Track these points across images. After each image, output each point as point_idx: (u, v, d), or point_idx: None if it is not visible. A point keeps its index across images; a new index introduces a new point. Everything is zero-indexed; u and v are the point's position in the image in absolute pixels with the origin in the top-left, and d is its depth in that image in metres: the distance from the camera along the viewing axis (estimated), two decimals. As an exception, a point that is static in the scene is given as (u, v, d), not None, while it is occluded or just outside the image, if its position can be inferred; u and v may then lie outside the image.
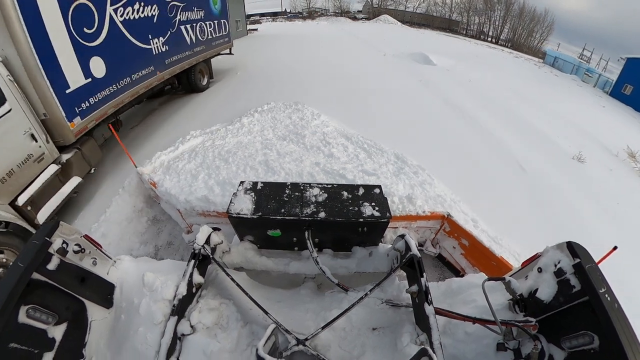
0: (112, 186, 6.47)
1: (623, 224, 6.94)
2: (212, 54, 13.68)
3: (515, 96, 15.97)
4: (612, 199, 7.93)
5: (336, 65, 18.14)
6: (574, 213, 6.91)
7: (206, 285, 3.36)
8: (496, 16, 53.76)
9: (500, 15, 53.10)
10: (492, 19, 54.04)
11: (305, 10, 64.86)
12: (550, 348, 2.30)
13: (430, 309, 2.63)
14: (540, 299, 2.38)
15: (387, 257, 3.68)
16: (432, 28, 53.48)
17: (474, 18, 55.96)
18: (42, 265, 2.37)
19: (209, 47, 13.06)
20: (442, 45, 33.47)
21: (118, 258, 3.24)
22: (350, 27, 46.41)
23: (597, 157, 10.45)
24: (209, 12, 12.84)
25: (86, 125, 6.22)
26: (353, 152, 7.09)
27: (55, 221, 2.60)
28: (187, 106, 11.59)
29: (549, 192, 7.57)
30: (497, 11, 53.42)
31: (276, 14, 64.16)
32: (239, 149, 6.82)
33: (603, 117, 17.30)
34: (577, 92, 23.43)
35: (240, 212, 3.41)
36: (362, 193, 3.71)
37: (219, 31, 13.93)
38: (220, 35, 14.21)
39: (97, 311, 2.83)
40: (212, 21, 13.12)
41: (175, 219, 5.68)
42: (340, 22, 52.48)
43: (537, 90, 19.16)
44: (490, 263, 4.33)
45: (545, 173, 8.40)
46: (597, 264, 2.19)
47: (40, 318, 2.36)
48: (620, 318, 1.87)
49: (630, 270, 5.07)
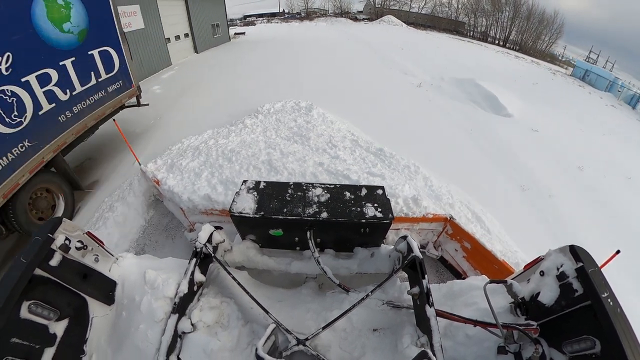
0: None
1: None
2: (72, 136, 6.39)
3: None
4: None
5: (345, 109, 10.49)
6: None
7: (207, 284, 3.37)
8: (504, 18, 51.92)
9: (508, 17, 51.29)
10: (500, 21, 52.37)
11: (303, 10, 62.32)
12: (551, 352, 2.28)
13: (432, 311, 2.62)
14: (542, 302, 2.37)
15: (389, 258, 3.68)
16: (438, 30, 51.81)
17: (481, 20, 54.08)
18: (45, 261, 2.38)
19: (58, 128, 5.96)
20: (469, 55, 27.03)
21: (120, 255, 3.25)
22: (352, 29, 40.73)
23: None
24: (41, 43, 5.48)
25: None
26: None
27: (58, 218, 2.61)
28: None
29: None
30: (506, 12, 51.51)
31: (274, 15, 62.36)
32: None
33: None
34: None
35: (242, 211, 3.41)
36: (364, 194, 3.70)
37: (85, 79, 6.62)
38: (94, 86, 6.90)
39: (98, 308, 2.84)
40: (58, 64, 5.87)
41: (178, 217, 5.70)
42: (341, 24, 48.88)
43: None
44: (493, 266, 4.31)
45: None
46: (600, 268, 2.17)
47: (42, 314, 2.37)
48: (622, 323, 1.85)
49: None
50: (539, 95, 17.34)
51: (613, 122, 15.65)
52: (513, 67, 25.94)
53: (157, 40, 16.98)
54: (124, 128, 6.59)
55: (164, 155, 6.74)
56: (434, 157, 8.04)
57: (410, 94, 14.39)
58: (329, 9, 63.31)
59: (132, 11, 14.50)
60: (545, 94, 17.83)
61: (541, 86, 19.83)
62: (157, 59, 17.10)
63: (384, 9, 58.51)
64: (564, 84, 23.92)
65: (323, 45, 26.09)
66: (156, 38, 16.83)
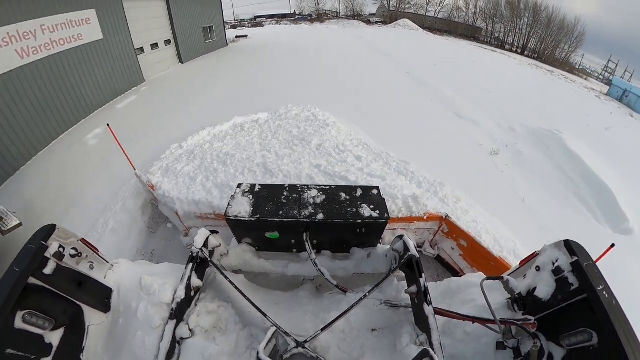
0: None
1: None
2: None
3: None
4: None
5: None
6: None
7: (204, 289, 3.35)
8: (522, 24, 48.98)
9: (527, 23, 48.31)
10: (518, 27, 49.45)
11: (315, 12, 60.05)
12: (549, 346, 2.29)
13: (430, 309, 2.63)
14: (538, 297, 2.38)
15: (386, 258, 3.68)
16: (455, 35, 49.19)
17: (499, 26, 51.18)
18: (39, 269, 2.34)
19: None
20: (512, 75, 22.32)
21: (115, 262, 3.22)
22: (366, 33, 36.15)
23: None
24: None
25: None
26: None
27: (52, 225, 2.58)
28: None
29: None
30: (525, 18, 48.48)
31: (284, 16, 60.09)
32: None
33: None
34: None
35: (238, 215, 3.40)
36: (360, 194, 3.70)
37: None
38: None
39: (94, 315, 2.81)
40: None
41: (174, 222, 5.67)
42: (353, 27, 44.86)
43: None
44: (489, 263, 4.33)
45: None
46: (595, 262, 2.19)
47: (37, 323, 2.34)
48: (618, 315, 1.87)
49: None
50: (625, 152, 12.00)
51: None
52: (567, 96, 20.43)
53: (123, 53, 13.44)
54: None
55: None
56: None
57: (484, 170, 9.11)
58: (341, 11, 61.17)
59: (83, 19, 10.99)
60: (630, 150, 12.42)
61: (615, 132, 14.20)
62: (122, 77, 13.47)
63: (398, 12, 56.21)
64: (626, 120, 18.27)
65: (335, 54, 22.25)
66: (122, 50, 13.31)
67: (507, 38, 50.92)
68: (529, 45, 48.53)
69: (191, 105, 12.26)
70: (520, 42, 49.53)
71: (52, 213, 6.21)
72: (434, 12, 56.43)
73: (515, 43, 49.96)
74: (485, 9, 52.46)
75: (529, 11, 48.55)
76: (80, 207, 6.38)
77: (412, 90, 15.29)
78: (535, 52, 47.16)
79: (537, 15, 47.89)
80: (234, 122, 9.16)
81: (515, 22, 49.62)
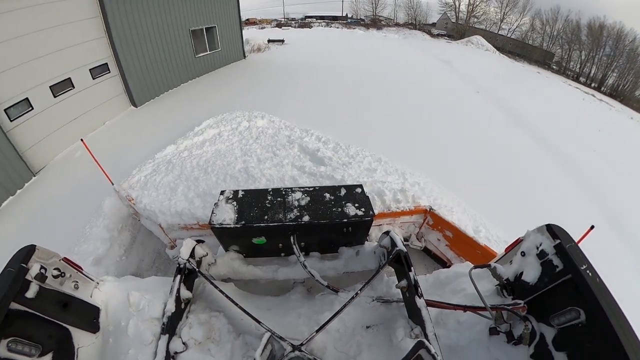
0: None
1: None
2: None
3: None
4: None
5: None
6: None
7: (195, 300, 3.29)
8: (601, 54, 41.60)
9: (608, 54, 40.97)
10: (597, 57, 42.06)
11: (369, 17, 53.98)
12: (540, 327, 2.36)
13: (421, 301, 2.66)
14: (526, 281, 2.44)
15: (374, 254, 3.71)
16: (528, 61, 42.53)
17: (579, 52, 43.86)
18: (20, 293, 2.24)
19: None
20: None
21: (101, 279, 3.12)
22: (437, 49, 29.54)
23: None
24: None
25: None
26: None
27: (32, 245, 2.46)
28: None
29: None
30: (607, 48, 41.13)
31: (335, 19, 55.20)
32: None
33: None
34: None
35: (222, 222, 3.35)
36: (344, 193, 3.72)
37: None
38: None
39: (83, 337, 2.71)
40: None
41: (158, 235, 5.55)
42: (417, 39, 39.12)
43: None
44: (475, 252, 4.42)
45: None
46: (576, 243, 2.26)
47: (22, 351, 2.23)
48: (602, 291, 1.94)
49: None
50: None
51: None
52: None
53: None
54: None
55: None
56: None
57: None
58: (396, 18, 55.31)
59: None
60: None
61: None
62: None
63: (467, 26, 50.06)
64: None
65: (423, 91, 14.69)
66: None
67: (584, 68, 44.04)
68: (608, 81, 41.56)
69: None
70: (597, 75, 42.71)
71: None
72: (508, 31, 50.32)
73: (592, 75, 43.24)
74: (563, 33, 46.16)
75: (611, 39, 41.53)
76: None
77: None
78: (612, 89, 40.78)
79: (619, 43, 40.69)
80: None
81: (595, 51, 42.93)
